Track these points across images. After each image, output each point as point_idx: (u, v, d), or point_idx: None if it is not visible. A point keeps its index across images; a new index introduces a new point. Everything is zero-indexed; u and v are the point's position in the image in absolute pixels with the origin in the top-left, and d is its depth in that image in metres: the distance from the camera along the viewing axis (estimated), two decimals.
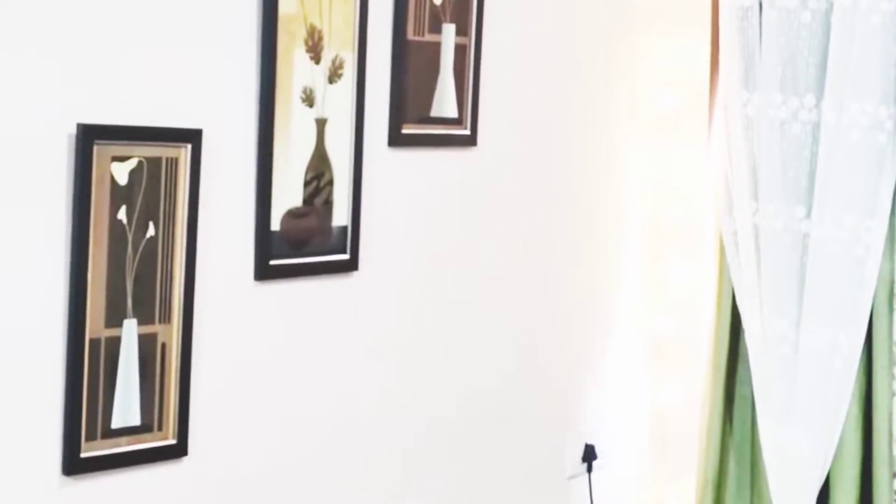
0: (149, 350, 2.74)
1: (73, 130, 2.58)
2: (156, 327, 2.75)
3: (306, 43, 2.99)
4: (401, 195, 3.24)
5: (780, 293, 3.62)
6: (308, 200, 3.03)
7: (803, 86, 3.60)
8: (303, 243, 3.03)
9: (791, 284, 3.61)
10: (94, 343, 2.64)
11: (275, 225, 2.96)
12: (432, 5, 3.28)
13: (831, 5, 3.50)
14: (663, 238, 3.93)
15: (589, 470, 3.75)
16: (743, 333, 3.72)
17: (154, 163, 2.72)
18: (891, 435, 3.51)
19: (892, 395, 3.50)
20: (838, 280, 3.54)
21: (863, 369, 3.56)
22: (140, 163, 2.69)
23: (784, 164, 3.63)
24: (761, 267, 3.64)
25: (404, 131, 3.24)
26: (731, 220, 3.71)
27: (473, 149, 3.41)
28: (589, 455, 3.75)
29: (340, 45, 3.06)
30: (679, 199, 3.91)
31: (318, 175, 3.04)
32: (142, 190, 2.70)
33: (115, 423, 2.70)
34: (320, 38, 3.01)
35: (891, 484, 3.51)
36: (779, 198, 3.63)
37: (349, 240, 3.12)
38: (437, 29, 3.31)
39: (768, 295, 3.63)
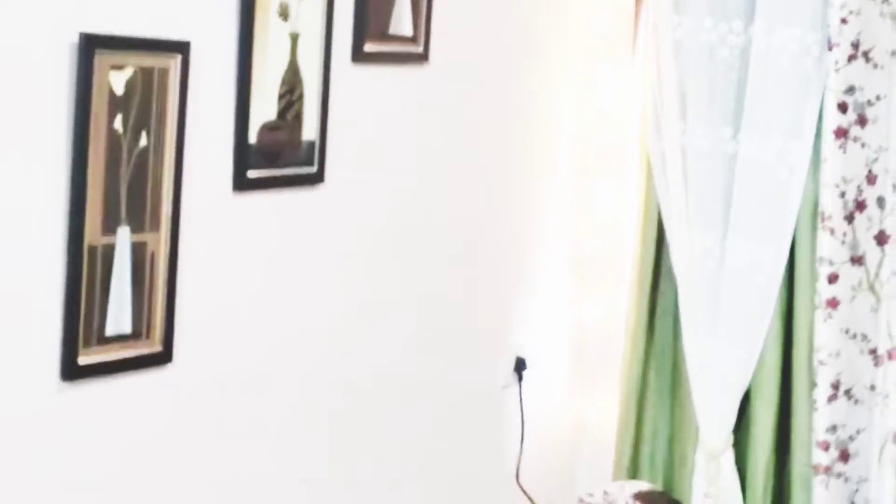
0: (139, 258, 2.83)
1: (75, 39, 2.63)
2: (146, 236, 2.84)
3: None
4: (363, 110, 3.37)
5: (707, 212, 3.85)
6: (281, 114, 3.13)
7: (732, 11, 3.82)
8: (276, 156, 3.14)
9: (717, 203, 3.85)
10: (92, 250, 2.72)
11: (252, 138, 3.06)
12: None
13: None
14: (592, 159, 4.11)
15: (520, 380, 3.93)
16: (666, 250, 3.95)
17: (147, 73, 2.79)
18: (810, 347, 3.77)
19: (814, 309, 3.75)
20: (763, 199, 3.79)
21: (785, 285, 3.82)
22: (135, 72, 2.76)
23: (712, 88, 3.85)
24: (688, 186, 3.86)
25: (366, 49, 3.35)
26: (658, 140, 3.91)
27: (426, 65, 3.54)
28: (520, 366, 3.94)
29: None
30: (607, 120, 4.09)
31: (291, 89, 3.15)
32: (136, 100, 2.77)
33: (109, 331, 2.78)
34: None
35: (810, 394, 3.78)
36: (707, 119, 3.85)
37: (317, 153, 3.24)
38: None
39: (695, 213, 3.86)
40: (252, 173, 3.07)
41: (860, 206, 3.75)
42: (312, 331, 3.30)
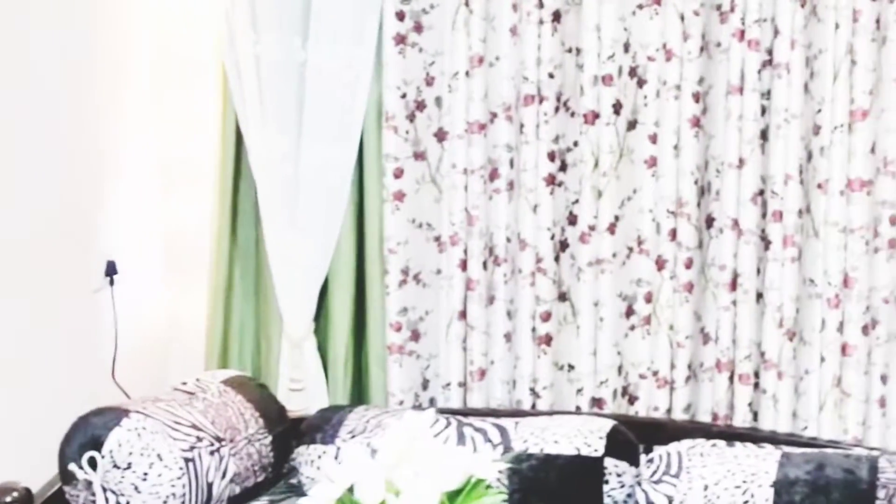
0: None
1: None
2: None
3: None
4: None
5: (282, 116, 4.23)
6: None
7: None
8: None
9: (291, 108, 4.23)
10: None
11: None
12: None
13: None
14: (173, 69, 4.40)
15: (112, 284, 4.22)
16: (245, 154, 4.30)
17: None
18: (381, 237, 4.23)
19: (382, 202, 4.20)
20: (333, 103, 4.20)
21: (356, 181, 4.25)
22: None
23: None
24: (263, 94, 4.22)
25: None
26: (232, 51, 4.24)
27: None
28: (110, 270, 4.21)
29: None
30: (185, 31, 4.38)
31: None
32: None
33: None
34: None
35: (382, 280, 4.24)
36: (277, 30, 4.21)
37: None
38: None
39: (271, 118, 4.22)
40: None
41: (420, 106, 4.22)
42: None
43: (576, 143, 4.17)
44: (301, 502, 2.47)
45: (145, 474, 3.43)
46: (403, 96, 4.19)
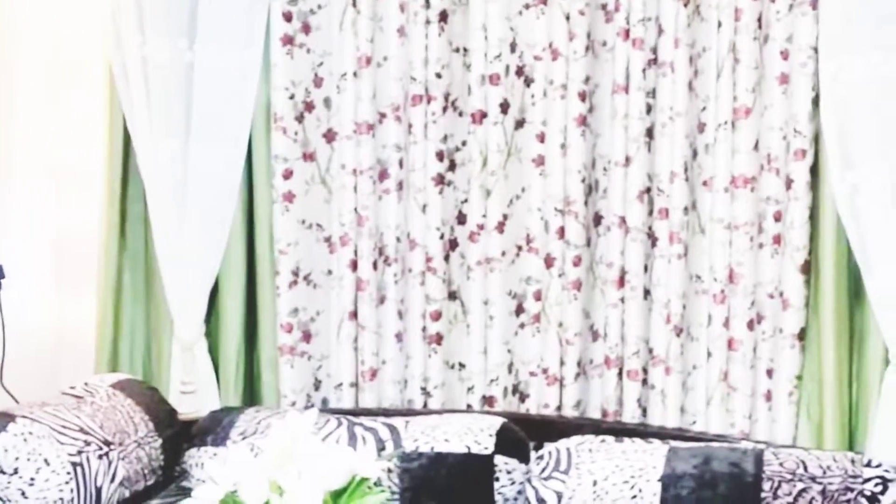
0: None
1: None
2: None
3: None
4: None
5: (170, 119, 4.20)
6: None
7: None
8: None
9: (179, 110, 4.20)
10: None
11: None
12: None
13: None
14: (61, 72, 4.36)
15: None
16: (134, 157, 4.27)
17: None
18: (271, 239, 4.22)
19: (272, 203, 4.20)
20: (221, 104, 4.18)
21: (245, 182, 4.24)
22: None
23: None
24: (150, 96, 4.19)
25: None
26: (119, 52, 4.21)
27: None
28: None
29: None
30: (75, 32, 4.34)
31: None
32: None
33: None
34: None
35: (273, 281, 4.23)
36: (164, 31, 4.18)
37: None
38: None
39: (158, 121, 4.19)
40: None
41: (309, 106, 4.22)
42: None
43: (464, 143, 4.19)
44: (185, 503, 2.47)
45: (32, 479, 3.40)
46: (292, 97, 4.19)
